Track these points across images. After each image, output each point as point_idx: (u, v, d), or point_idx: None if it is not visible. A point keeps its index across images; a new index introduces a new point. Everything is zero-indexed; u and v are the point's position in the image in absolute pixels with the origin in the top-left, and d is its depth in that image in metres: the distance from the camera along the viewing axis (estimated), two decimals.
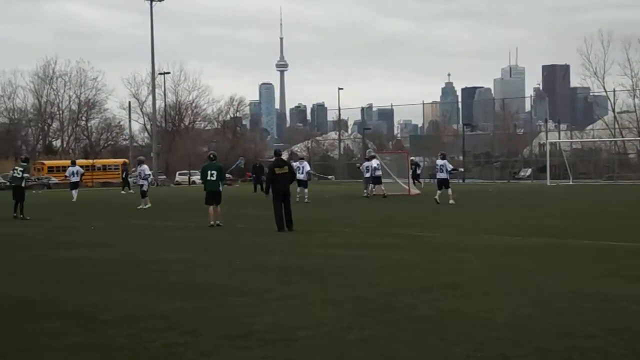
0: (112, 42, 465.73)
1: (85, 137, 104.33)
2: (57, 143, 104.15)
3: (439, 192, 28.39)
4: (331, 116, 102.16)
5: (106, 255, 13.70)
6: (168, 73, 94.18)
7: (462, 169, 33.99)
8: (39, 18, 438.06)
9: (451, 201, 27.49)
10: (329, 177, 73.55)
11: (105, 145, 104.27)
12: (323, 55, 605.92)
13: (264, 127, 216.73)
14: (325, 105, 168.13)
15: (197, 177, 50.79)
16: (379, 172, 33.79)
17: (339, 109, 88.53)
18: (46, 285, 10.21)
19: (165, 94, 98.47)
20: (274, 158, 19.64)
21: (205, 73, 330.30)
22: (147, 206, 28.36)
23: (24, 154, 29.13)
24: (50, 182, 73.72)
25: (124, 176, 49.97)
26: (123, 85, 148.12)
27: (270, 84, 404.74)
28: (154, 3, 76.94)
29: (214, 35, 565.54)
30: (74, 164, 39.00)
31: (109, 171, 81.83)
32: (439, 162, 29.69)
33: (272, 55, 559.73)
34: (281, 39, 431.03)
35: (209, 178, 20.25)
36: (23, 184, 24.99)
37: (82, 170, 39.74)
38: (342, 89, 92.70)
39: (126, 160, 63.55)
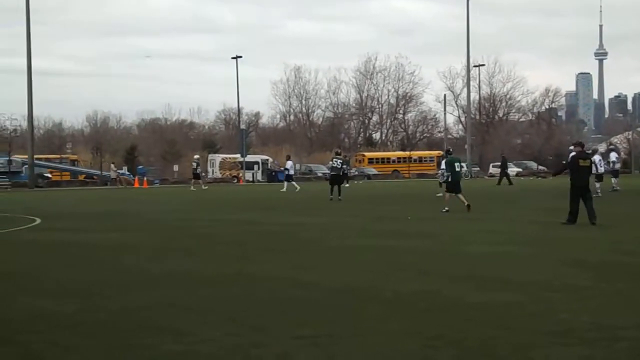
0: (429, 36, 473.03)
1: (402, 130, 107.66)
2: (376, 136, 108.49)
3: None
4: None
5: (423, 245, 14.05)
6: (483, 65, 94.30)
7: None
8: (363, 15, 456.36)
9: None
10: None
11: (421, 137, 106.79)
12: None
13: (581, 118, 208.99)
14: None
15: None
16: (601, 170, 33.29)
17: None
18: (366, 273, 10.65)
19: (479, 86, 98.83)
20: (578, 150, 19.11)
21: (520, 64, 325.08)
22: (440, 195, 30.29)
23: (339, 148, 35.68)
24: (369, 173, 77.42)
25: (290, 173, 43.59)
26: (439, 78, 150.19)
27: (588, 73, 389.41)
28: None
29: (530, 25, 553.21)
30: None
31: (424, 163, 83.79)
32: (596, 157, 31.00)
33: (591, 44, 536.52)
34: (600, 26, 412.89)
35: (457, 169, 22.73)
36: (341, 173, 30.91)
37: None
38: None
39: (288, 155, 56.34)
